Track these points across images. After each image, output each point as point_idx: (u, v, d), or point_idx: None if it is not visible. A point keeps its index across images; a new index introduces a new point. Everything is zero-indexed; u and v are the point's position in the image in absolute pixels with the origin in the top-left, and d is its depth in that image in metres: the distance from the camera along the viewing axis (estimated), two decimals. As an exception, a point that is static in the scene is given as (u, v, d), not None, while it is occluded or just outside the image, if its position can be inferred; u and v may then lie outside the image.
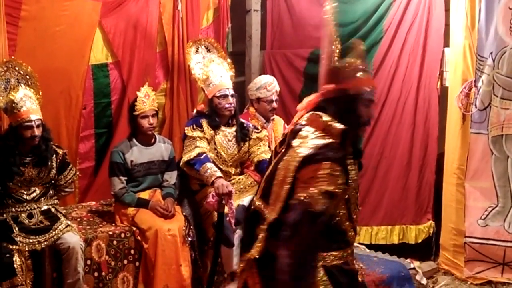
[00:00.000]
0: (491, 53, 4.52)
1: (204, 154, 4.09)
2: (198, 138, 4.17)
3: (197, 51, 4.59)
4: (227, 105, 4.28)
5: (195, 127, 4.22)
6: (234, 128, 4.40)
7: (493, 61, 4.52)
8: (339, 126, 2.46)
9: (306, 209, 2.34)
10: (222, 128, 4.36)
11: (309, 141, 2.47)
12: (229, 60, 4.60)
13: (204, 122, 4.27)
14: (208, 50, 4.63)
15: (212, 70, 4.36)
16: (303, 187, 2.39)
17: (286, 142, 2.64)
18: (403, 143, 5.20)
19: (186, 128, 4.26)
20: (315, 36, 5.61)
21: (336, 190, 2.40)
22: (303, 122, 2.59)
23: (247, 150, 4.44)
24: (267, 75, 5.14)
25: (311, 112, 2.59)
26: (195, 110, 4.59)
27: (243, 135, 4.40)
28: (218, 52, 4.63)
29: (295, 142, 2.53)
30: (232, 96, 4.31)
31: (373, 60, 5.27)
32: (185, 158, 4.13)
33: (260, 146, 4.45)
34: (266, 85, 4.80)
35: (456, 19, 4.77)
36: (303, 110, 2.69)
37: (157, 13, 5.07)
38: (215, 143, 4.31)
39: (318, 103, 2.60)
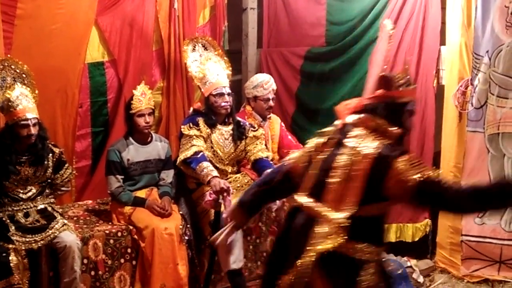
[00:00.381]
0: (487, 51, 4.52)
1: (201, 153, 4.09)
2: (194, 137, 4.16)
3: (194, 49, 4.58)
4: (223, 104, 4.27)
5: (191, 125, 4.21)
6: (230, 127, 4.39)
7: (490, 59, 4.52)
8: (395, 129, 2.64)
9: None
10: (219, 126, 4.35)
11: (368, 142, 2.60)
12: (226, 58, 4.59)
13: (200, 121, 4.26)
14: (205, 48, 4.62)
15: (209, 68, 4.36)
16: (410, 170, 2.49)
17: (333, 141, 2.76)
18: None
19: (182, 126, 4.26)
20: (311, 34, 5.63)
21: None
22: (351, 122, 2.74)
23: (244, 148, 4.43)
24: (263, 74, 5.14)
25: (362, 114, 2.72)
26: (191, 109, 4.58)
27: (239, 133, 4.39)
28: (215, 50, 4.62)
29: (349, 142, 2.65)
30: (228, 94, 4.30)
31: (369, 59, 5.26)
32: (181, 156, 4.13)
33: (257, 144, 4.44)
34: (263, 83, 4.81)
35: (452, 17, 4.77)
36: (346, 112, 2.84)
37: (153, 11, 5.06)
38: (211, 142, 4.31)
39: (365, 106, 2.74)
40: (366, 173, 2.53)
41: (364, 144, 2.59)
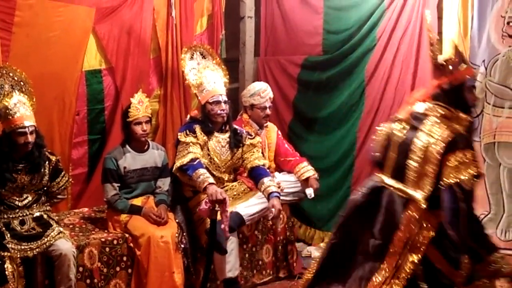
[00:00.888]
0: (483, 60, 4.55)
1: (197, 160, 4.09)
2: (191, 144, 4.16)
3: (192, 57, 4.58)
4: (219, 111, 4.27)
5: (188, 132, 4.22)
6: (227, 134, 4.39)
7: (486, 68, 4.54)
8: (465, 116, 2.93)
9: (460, 190, 2.75)
10: (216, 134, 4.35)
11: (442, 129, 2.86)
12: (223, 66, 4.60)
13: (197, 128, 4.27)
14: (203, 57, 4.62)
15: (206, 76, 4.36)
16: (455, 170, 2.77)
17: (408, 127, 3.01)
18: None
19: (179, 133, 4.26)
20: (308, 43, 5.66)
21: (480, 172, 2.85)
22: (422, 112, 3.00)
23: (241, 156, 4.44)
24: (260, 82, 5.15)
25: (432, 103, 2.99)
26: (188, 116, 4.58)
27: (236, 141, 4.40)
28: (213, 58, 4.63)
29: (425, 127, 2.90)
30: (225, 102, 4.30)
31: (366, 67, 5.29)
32: (178, 163, 4.13)
33: (254, 152, 4.44)
34: (260, 92, 4.82)
35: (449, 27, 4.78)
36: (416, 101, 3.11)
37: (151, 19, 5.08)
38: (208, 149, 4.31)
39: (433, 95, 3.01)
40: (440, 157, 2.80)
41: (438, 130, 2.85)
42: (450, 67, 2.98)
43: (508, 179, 4.59)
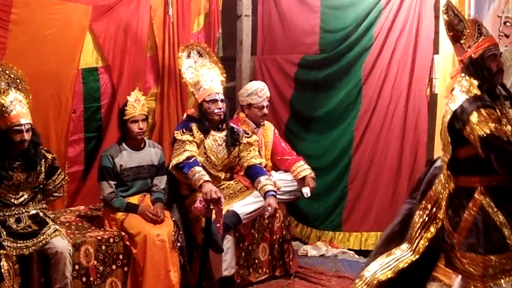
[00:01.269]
0: (480, 60, 4.54)
1: (193, 158, 4.09)
2: (187, 142, 4.16)
3: (189, 56, 4.58)
4: (216, 110, 4.27)
5: (184, 131, 4.21)
6: (224, 133, 4.39)
7: (482, 68, 4.54)
8: (475, 81, 3.12)
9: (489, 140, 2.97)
10: (212, 132, 4.35)
11: (458, 98, 3.11)
12: (220, 65, 4.60)
13: (194, 126, 4.27)
14: (200, 55, 4.62)
15: (203, 75, 4.36)
16: (477, 127, 2.99)
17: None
18: (392, 150, 5.21)
19: (175, 131, 4.26)
20: (305, 42, 5.66)
21: (498, 126, 3.00)
22: (454, 86, 3.24)
23: (237, 155, 4.44)
24: (258, 81, 5.16)
25: (459, 77, 3.23)
26: (185, 114, 4.58)
27: (233, 139, 4.40)
28: (210, 57, 4.62)
29: (450, 101, 3.16)
30: (222, 101, 4.30)
31: (363, 66, 5.30)
32: (174, 161, 4.13)
33: (250, 151, 4.45)
34: (257, 91, 4.82)
35: (446, 26, 4.79)
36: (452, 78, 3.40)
37: (148, 17, 5.08)
38: (204, 148, 4.31)
39: (461, 70, 3.25)
40: (448, 124, 3.09)
41: (455, 101, 3.11)
42: (470, 41, 3.21)
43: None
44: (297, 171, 4.81)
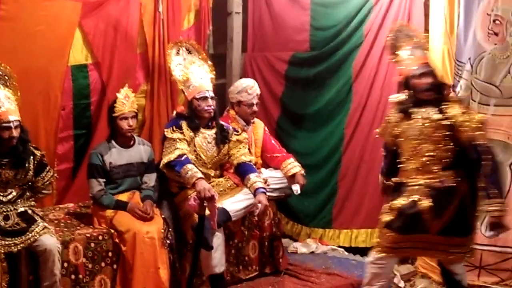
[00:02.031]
0: (469, 58, 4.56)
1: (185, 156, 4.08)
2: (178, 140, 4.15)
3: (178, 53, 4.56)
4: (206, 107, 4.26)
5: (174, 128, 4.20)
6: (213, 130, 4.39)
7: (472, 66, 4.55)
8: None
9: None
10: (202, 130, 4.34)
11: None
12: (210, 62, 4.59)
13: (183, 124, 4.25)
14: (189, 52, 4.61)
15: (193, 72, 4.35)
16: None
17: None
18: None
19: (165, 130, 4.24)
20: (295, 39, 5.66)
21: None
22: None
23: (227, 152, 4.43)
24: (248, 79, 5.15)
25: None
26: (174, 112, 4.57)
27: (222, 137, 4.39)
28: (199, 54, 4.61)
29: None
30: (212, 98, 4.29)
31: (353, 64, 5.30)
32: (165, 160, 4.12)
33: (240, 148, 4.44)
34: (247, 88, 4.81)
35: (435, 24, 4.80)
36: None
37: (138, 14, 5.06)
38: (194, 145, 4.30)
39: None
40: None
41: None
42: (399, 66, 3.80)
43: (493, 176, 4.62)
44: (287, 168, 4.81)
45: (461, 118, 3.60)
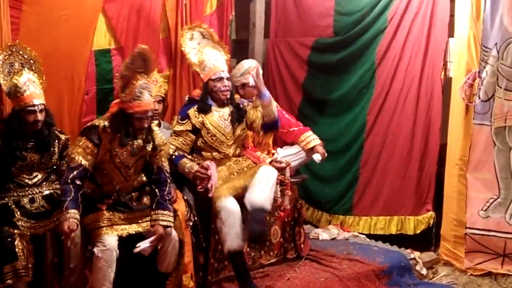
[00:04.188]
0: (495, 44, 4.51)
1: (175, 155, 4.27)
2: (174, 136, 4.33)
3: (192, 38, 4.56)
4: (222, 88, 4.31)
5: (178, 120, 4.35)
6: (228, 108, 4.41)
7: (498, 52, 4.50)
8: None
9: None
10: (218, 109, 4.37)
11: None
12: (224, 45, 4.57)
13: (191, 111, 4.32)
14: (203, 36, 4.59)
15: (207, 54, 4.40)
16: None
17: None
18: (404, 133, 5.20)
19: (174, 117, 4.42)
20: (319, 24, 5.62)
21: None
22: None
23: (244, 128, 4.45)
24: (250, 60, 5.09)
25: None
26: (187, 97, 4.58)
27: (239, 116, 4.41)
28: (213, 38, 4.59)
29: None
30: (227, 79, 4.34)
31: (377, 49, 5.26)
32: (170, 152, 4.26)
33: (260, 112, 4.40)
34: (250, 70, 4.73)
35: (461, 9, 4.75)
36: None
37: (161, -1, 5.05)
38: (208, 128, 4.32)
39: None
40: None
41: None
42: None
43: (518, 163, 4.58)
44: (306, 141, 4.78)
45: None
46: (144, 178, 3.96)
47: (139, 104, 3.64)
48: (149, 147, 3.83)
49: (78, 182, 3.56)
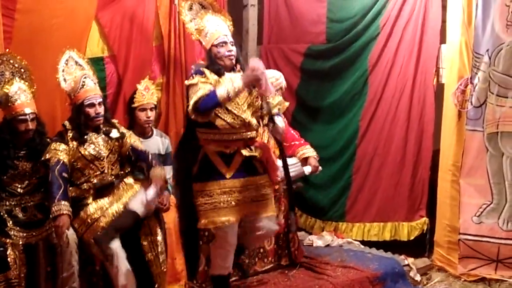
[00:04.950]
0: (487, 50, 4.53)
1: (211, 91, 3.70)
2: (200, 83, 3.76)
3: (191, 8, 4.27)
4: (227, 53, 3.90)
5: (194, 75, 3.83)
6: (240, 73, 3.92)
7: (490, 58, 4.52)
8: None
9: None
10: (227, 74, 3.90)
11: None
12: (226, 12, 4.38)
13: (205, 70, 3.86)
14: (203, 7, 4.30)
15: (208, 20, 4.06)
16: None
17: None
18: (397, 140, 5.22)
19: (186, 81, 3.98)
20: (312, 31, 5.64)
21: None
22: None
23: (257, 96, 3.93)
24: (273, 70, 4.99)
25: None
26: (192, 66, 4.38)
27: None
28: (214, 7, 4.30)
29: None
30: (232, 43, 3.94)
31: (369, 56, 5.28)
32: (191, 102, 3.73)
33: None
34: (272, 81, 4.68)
35: (453, 16, 4.77)
36: None
37: (154, 7, 5.05)
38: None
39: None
40: None
41: None
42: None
43: (510, 168, 4.60)
44: (302, 151, 4.77)
45: None
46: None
47: (85, 90, 3.82)
48: (115, 134, 3.92)
49: (65, 175, 3.67)
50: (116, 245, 3.61)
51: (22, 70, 3.87)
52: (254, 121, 3.89)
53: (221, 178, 3.81)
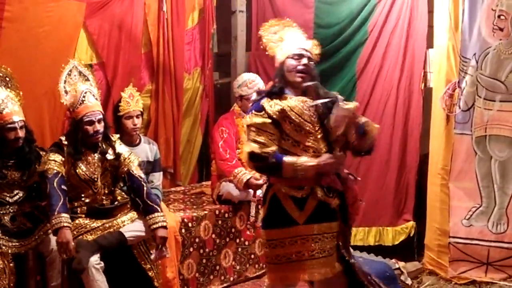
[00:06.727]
0: (474, 54, 4.55)
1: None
2: (256, 126, 3.23)
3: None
4: (299, 67, 3.37)
5: (254, 112, 3.28)
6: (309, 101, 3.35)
7: (477, 62, 4.55)
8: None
9: None
10: (295, 98, 3.35)
11: None
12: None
13: (265, 102, 3.28)
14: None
15: (288, 33, 3.66)
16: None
17: None
18: (382, 144, 5.21)
19: (244, 118, 3.78)
20: (300, 37, 5.63)
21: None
22: None
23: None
24: (250, 73, 5.09)
25: None
26: (254, 94, 3.88)
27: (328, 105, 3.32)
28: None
29: None
30: (309, 59, 3.45)
31: (357, 61, 5.29)
32: (245, 150, 3.25)
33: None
34: (247, 82, 4.73)
35: (440, 20, 4.79)
36: None
37: (142, 14, 5.07)
38: (290, 117, 3.26)
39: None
40: None
41: None
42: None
43: (499, 172, 4.61)
44: None
45: None
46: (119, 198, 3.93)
47: (85, 106, 3.70)
48: (110, 156, 3.83)
49: (63, 187, 3.59)
50: (93, 260, 3.51)
51: (7, 78, 3.85)
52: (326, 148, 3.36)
53: None
